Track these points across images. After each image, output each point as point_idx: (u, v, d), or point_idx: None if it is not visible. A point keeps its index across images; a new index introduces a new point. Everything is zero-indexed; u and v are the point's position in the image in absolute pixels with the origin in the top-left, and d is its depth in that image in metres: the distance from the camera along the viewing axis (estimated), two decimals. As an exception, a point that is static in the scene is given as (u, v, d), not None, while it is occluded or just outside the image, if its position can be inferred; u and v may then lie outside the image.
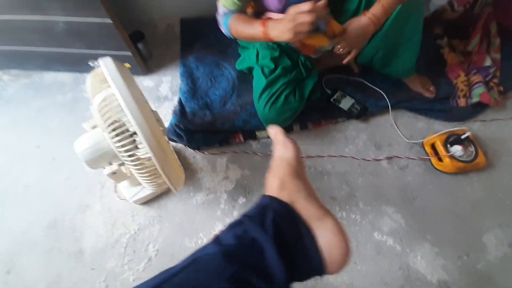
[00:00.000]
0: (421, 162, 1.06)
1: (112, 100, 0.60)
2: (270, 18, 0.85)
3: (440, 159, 1.03)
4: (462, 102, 1.14)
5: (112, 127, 0.60)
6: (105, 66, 0.62)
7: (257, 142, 1.12)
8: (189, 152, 1.09)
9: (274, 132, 0.45)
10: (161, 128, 0.72)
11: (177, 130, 1.06)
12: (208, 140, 1.08)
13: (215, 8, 1.37)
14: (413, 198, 1.01)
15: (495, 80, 1.15)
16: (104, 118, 0.60)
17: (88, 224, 0.98)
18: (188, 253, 0.32)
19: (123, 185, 0.97)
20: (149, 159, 0.62)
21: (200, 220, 0.98)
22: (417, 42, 1.00)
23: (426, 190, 1.02)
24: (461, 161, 1.00)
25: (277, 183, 0.37)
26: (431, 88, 1.15)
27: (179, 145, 1.10)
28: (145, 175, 0.66)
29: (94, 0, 0.91)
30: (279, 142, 0.43)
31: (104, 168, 0.72)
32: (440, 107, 1.15)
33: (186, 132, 1.06)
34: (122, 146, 0.62)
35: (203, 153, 1.08)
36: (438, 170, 1.04)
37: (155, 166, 0.62)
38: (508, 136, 1.10)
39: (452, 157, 1.01)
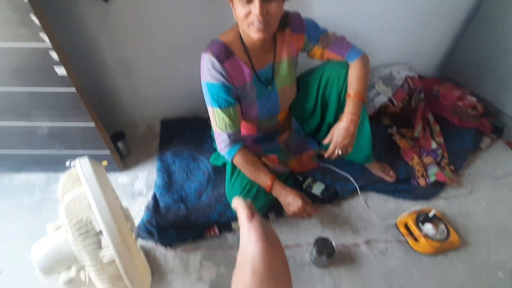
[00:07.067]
0: (399, 244, 1.05)
1: (82, 199, 0.60)
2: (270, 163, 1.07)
3: (416, 239, 1.04)
4: (422, 181, 1.23)
5: (78, 225, 0.58)
6: (81, 166, 0.65)
7: (233, 234, 1.08)
8: (159, 252, 1.02)
9: (237, 207, 0.36)
10: (129, 225, 0.70)
11: (148, 227, 1.02)
12: (181, 236, 1.03)
13: (194, 110, 1.55)
14: (399, 286, 0.95)
15: (445, 161, 1.29)
16: (71, 216, 0.59)
17: None
18: None
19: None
20: (111, 263, 0.58)
21: (168, 335, 0.83)
22: (367, 128, 1.09)
23: (411, 275, 0.98)
24: (436, 240, 1.01)
25: None
26: (391, 173, 1.25)
27: (149, 245, 1.03)
28: (105, 280, 0.59)
29: (81, 108, 0.99)
30: (242, 226, 0.34)
31: (59, 274, 0.65)
32: (403, 188, 1.22)
33: (158, 228, 1.02)
34: (85, 245, 0.58)
35: (175, 250, 1.01)
36: (417, 251, 1.02)
37: (117, 269, 0.57)
38: (472, 212, 1.15)
39: (427, 236, 1.02)
